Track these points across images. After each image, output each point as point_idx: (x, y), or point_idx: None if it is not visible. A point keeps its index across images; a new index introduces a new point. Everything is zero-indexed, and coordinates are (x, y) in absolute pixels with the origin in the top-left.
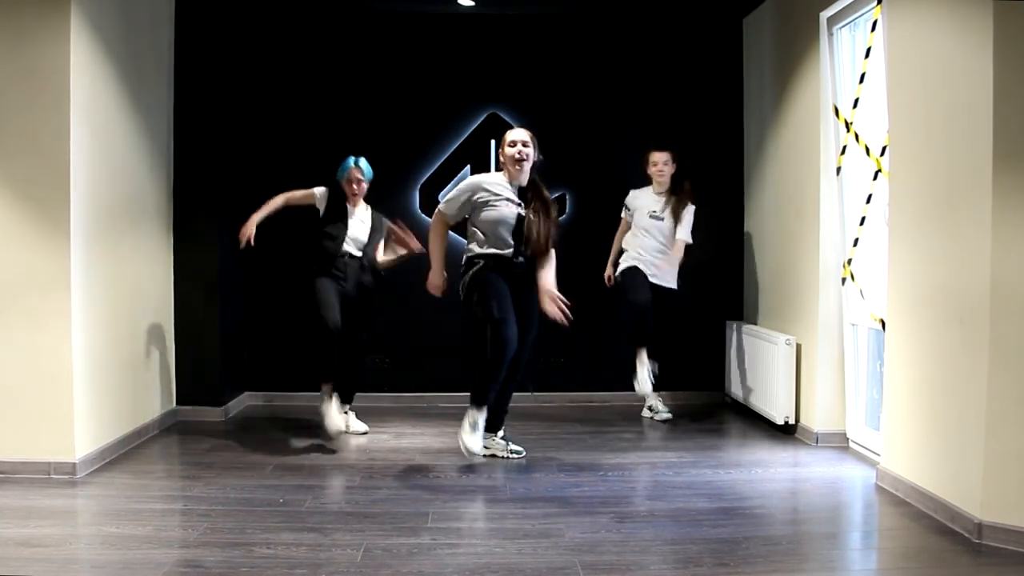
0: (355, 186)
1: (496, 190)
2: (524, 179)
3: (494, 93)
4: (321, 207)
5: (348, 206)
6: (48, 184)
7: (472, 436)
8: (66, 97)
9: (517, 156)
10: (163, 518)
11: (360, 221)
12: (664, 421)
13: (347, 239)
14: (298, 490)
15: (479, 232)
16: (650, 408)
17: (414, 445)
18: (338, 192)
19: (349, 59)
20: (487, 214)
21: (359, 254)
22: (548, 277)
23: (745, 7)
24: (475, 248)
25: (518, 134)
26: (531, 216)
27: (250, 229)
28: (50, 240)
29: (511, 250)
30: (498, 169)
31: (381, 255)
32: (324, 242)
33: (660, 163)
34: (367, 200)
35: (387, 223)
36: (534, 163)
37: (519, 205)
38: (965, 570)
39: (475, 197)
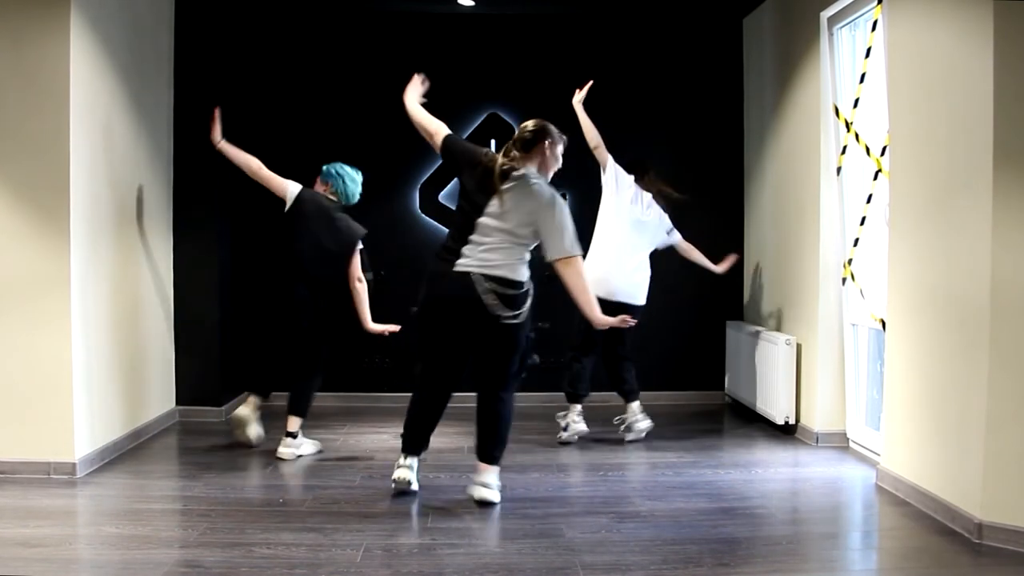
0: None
1: None
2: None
3: (494, 93)
4: (288, 202)
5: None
6: (48, 184)
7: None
8: (66, 97)
9: (555, 162)
10: (163, 518)
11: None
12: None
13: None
14: (298, 490)
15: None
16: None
17: None
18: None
19: (349, 59)
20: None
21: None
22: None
23: (745, 7)
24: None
25: (558, 135)
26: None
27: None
28: (50, 240)
29: None
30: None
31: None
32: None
33: (655, 192)
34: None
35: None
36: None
37: None
38: (965, 570)
39: None
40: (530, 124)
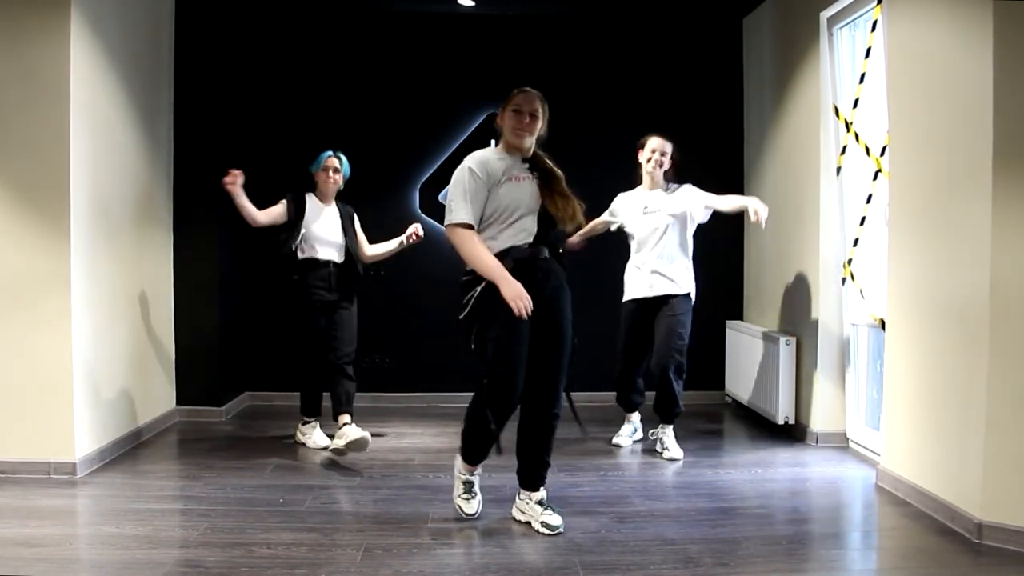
0: (331, 174)
1: (503, 168)
2: (529, 150)
3: (494, 93)
4: (289, 214)
5: (317, 203)
6: (48, 184)
7: (468, 500)
8: (66, 97)
9: (517, 127)
10: (163, 518)
11: (327, 220)
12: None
13: (318, 246)
14: (298, 490)
15: (489, 225)
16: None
17: (414, 445)
18: (299, 196)
19: (349, 59)
20: (502, 196)
21: (340, 259)
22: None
23: (745, 7)
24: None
25: (529, 100)
26: (555, 191)
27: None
28: (50, 240)
29: (531, 241)
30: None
31: (370, 249)
32: (297, 252)
33: (657, 153)
34: (343, 198)
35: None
36: (540, 136)
37: (534, 178)
38: (965, 570)
39: (489, 181)
40: None
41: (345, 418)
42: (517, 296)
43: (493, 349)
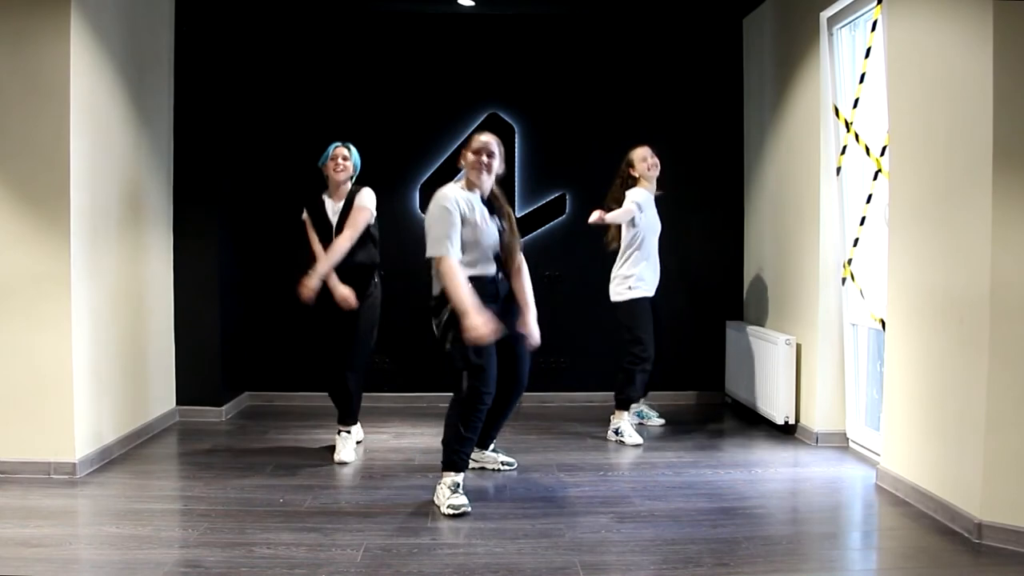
0: (340, 161)
1: (471, 205)
2: (487, 189)
3: (494, 93)
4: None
5: (332, 204)
6: (48, 184)
7: (456, 496)
8: (66, 97)
9: (477, 165)
10: (163, 518)
11: (336, 212)
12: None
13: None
14: (298, 490)
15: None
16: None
17: (414, 445)
18: (313, 196)
19: (349, 59)
20: (469, 234)
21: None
22: (532, 310)
23: (745, 7)
24: None
25: (486, 143)
26: (508, 229)
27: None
28: (50, 240)
29: (494, 269)
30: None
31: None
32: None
33: (650, 156)
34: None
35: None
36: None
37: (494, 218)
38: (965, 570)
39: (461, 217)
40: None
41: (344, 428)
42: (479, 327)
43: (474, 348)
